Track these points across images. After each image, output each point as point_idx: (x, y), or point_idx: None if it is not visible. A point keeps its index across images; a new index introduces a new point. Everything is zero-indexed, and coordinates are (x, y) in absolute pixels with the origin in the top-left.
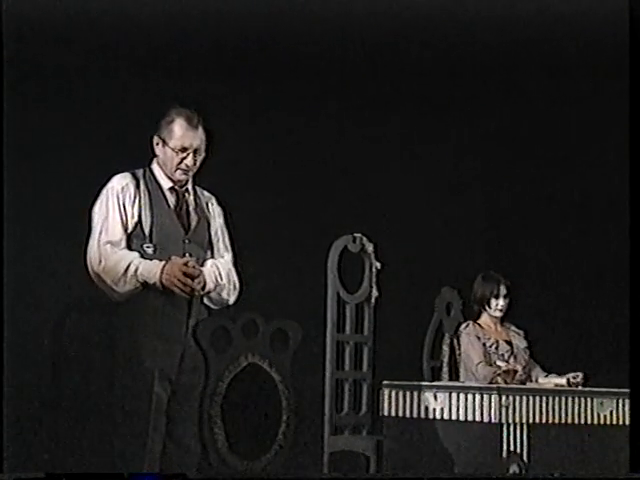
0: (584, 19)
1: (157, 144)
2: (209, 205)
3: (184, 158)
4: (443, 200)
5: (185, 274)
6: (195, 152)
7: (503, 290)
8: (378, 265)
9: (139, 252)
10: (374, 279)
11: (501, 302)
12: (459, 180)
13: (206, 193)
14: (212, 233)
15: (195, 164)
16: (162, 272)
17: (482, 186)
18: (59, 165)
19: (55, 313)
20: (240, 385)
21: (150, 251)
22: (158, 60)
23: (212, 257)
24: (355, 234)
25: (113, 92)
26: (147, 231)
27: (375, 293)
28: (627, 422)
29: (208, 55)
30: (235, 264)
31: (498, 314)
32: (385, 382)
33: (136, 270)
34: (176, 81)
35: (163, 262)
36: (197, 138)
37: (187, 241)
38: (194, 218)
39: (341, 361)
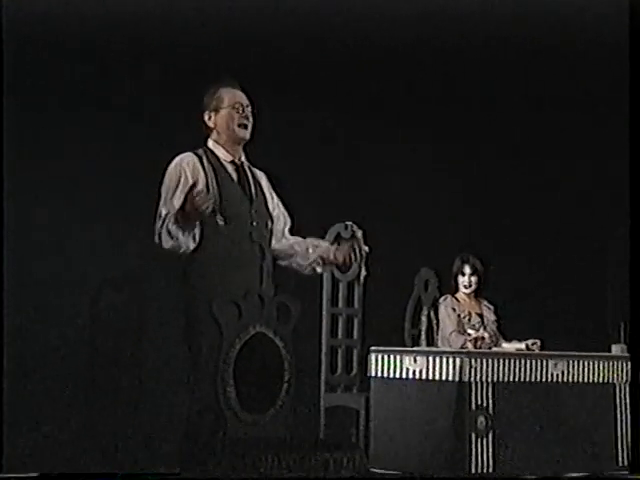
0: (584, 18)
1: (209, 118)
2: (262, 180)
3: (241, 112)
4: (423, 193)
5: None
6: (248, 107)
7: (467, 269)
8: (366, 249)
9: (211, 225)
10: (363, 261)
11: (466, 279)
12: (439, 173)
13: (256, 170)
14: (269, 205)
15: (250, 120)
16: None
17: (459, 178)
18: (95, 148)
19: (89, 293)
20: (249, 351)
21: (222, 223)
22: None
23: (272, 226)
24: (347, 222)
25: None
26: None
27: (364, 273)
28: (577, 380)
29: (214, 53)
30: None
31: (465, 290)
32: (372, 348)
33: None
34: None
35: None
36: (244, 97)
37: (255, 211)
38: (254, 191)
39: (335, 330)
